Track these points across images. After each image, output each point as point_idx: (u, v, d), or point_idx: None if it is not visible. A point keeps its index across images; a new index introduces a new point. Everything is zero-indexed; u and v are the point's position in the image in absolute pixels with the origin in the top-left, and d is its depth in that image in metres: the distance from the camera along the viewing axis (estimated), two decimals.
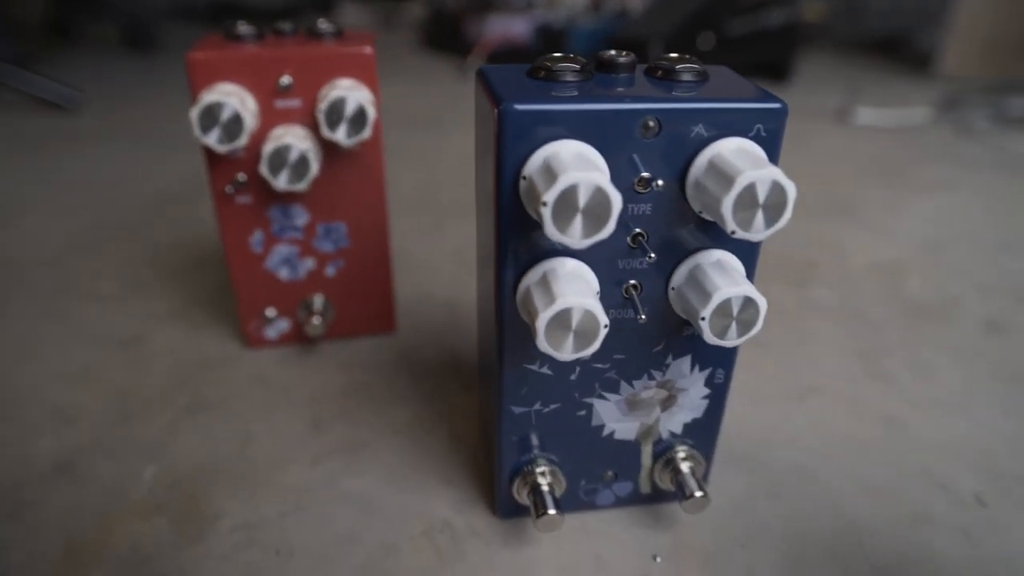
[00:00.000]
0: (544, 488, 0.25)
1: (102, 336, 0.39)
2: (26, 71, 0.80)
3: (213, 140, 0.31)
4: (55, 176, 0.63)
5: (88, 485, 0.29)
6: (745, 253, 0.23)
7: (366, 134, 0.32)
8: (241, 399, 0.35)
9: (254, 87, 0.32)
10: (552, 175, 0.18)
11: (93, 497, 0.29)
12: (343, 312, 0.38)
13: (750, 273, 0.23)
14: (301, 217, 0.36)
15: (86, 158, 0.67)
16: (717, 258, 0.22)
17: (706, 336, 0.21)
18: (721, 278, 0.21)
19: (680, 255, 0.22)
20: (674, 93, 0.21)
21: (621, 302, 0.23)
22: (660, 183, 0.21)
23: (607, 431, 0.26)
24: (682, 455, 0.26)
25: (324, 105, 0.32)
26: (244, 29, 0.33)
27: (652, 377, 0.25)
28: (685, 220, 0.22)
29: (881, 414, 0.35)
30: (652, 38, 0.94)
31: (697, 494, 0.25)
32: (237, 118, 0.31)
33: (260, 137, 0.33)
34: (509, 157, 0.20)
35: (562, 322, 0.20)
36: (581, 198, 0.18)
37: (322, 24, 0.34)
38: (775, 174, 0.19)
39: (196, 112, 0.31)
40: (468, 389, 0.36)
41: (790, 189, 0.19)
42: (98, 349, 0.38)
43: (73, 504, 0.28)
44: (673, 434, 0.26)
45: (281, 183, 0.32)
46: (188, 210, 0.55)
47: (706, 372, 0.25)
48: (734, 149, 0.20)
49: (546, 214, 0.18)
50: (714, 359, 0.25)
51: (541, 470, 0.26)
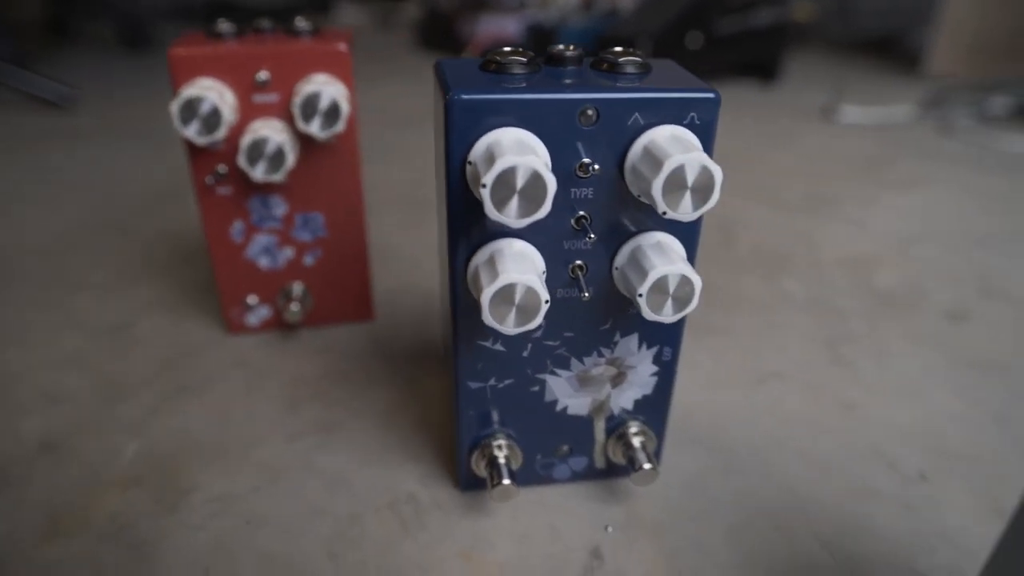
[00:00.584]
0: (500, 460, 0.27)
1: (91, 323, 0.41)
2: (23, 70, 0.82)
3: (192, 132, 0.33)
4: (51, 172, 0.64)
5: (72, 461, 0.31)
6: (685, 235, 0.24)
7: (340, 127, 0.34)
8: (222, 382, 0.36)
9: (233, 82, 0.34)
10: (492, 160, 0.20)
11: (77, 472, 0.30)
12: (321, 300, 0.40)
13: (691, 254, 0.24)
14: (280, 207, 0.37)
15: (81, 155, 0.68)
16: (657, 240, 0.23)
17: (644, 312, 0.22)
18: (658, 258, 0.22)
19: (623, 237, 0.24)
20: (617, 84, 0.22)
21: (568, 281, 0.24)
22: (596, 167, 0.22)
23: (560, 406, 0.27)
24: (634, 430, 0.28)
25: (299, 99, 0.33)
26: (224, 27, 0.35)
27: (601, 354, 0.26)
28: (625, 204, 0.23)
29: (838, 398, 0.36)
30: (640, 37, 0.95)
31: (646, 466, 0.27)
32: (215, 112, 0.32)
33: (239, 130, 0.34)
34: (457, 144, 0.21)
35: (505, 297, 0.21)
36: (518, 180, 0.20)
37: (300, 22, 0.35)
38: (702, 158, 0.20)
39: (176, 106, 0.32)
40: (440, 374, 0.37)
41: (717, 173, 0.21)
42: (86, 336, 0.40)
43: (57, 479, 0.30)
44: (625, 410, 0.28)
45: (258, 174, 0.34)
46: (179, 205, 0.57)
47: (653, 350, 0.26)
48: (668, 136, 0.22)
49: (485, 195, 0.20)
50: (661, 338, 0.26)
51: (498, 443, 0.27)
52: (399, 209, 0.57)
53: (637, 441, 0.28)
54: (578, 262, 0.24)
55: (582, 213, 0.23)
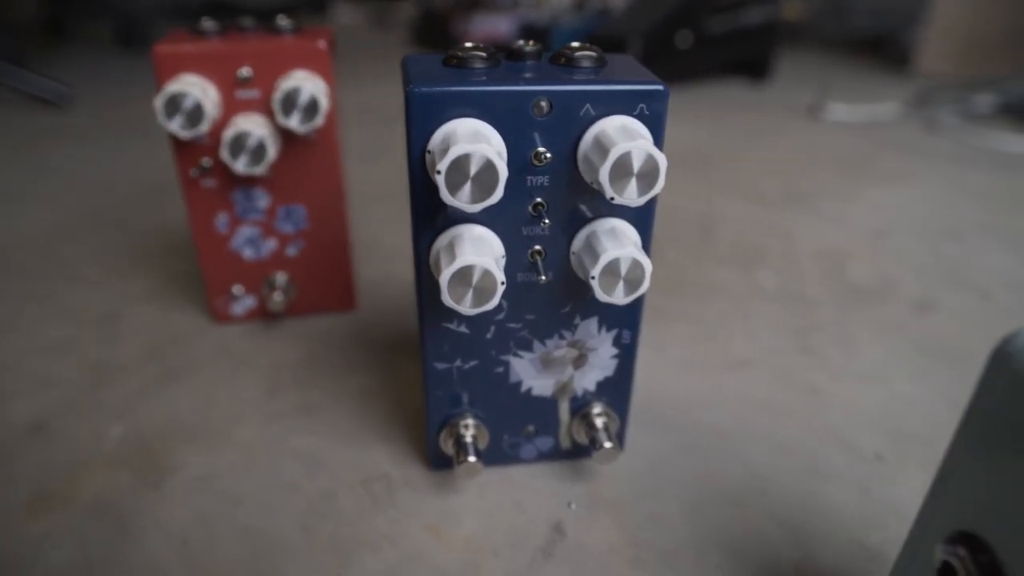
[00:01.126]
0: (467, 439, 0.28)
1: (81, 313, 0.42)
2: (21, 69, 0.83)
3: (176, 127, 0.34)
4: (47, 170, 0.65)
5: (59, 442, 0.32)
6: (639, 221, 0.25)
7: (319, 122, 0.35)
8: (206, 368, 0.37)
9: (216, 78, 0.35)
10: (448, 148, 0.21)
11: (63, 453, 0.31)
12: (304, 290, 0.41)
13: (645, 239, 0.25)
14: (263, 200, 0.38)
15: (77, 153, 0.70)
16: (611, 226, 0.25)
17: (597, 294, 0.24)
18: (610, 242, 0.24)
19: (579, 223, 0.25)
20: (572, 78, 0.24)
21: (528, 266, 0.25)
22: (549, 155, 0.23)
23: (525, 387, 0.28)
24: (597, 411, 0.29)
25: (279, 94, 0.34)
26: (208, 25, 0.36)
27: (563, 337, 0.27)
28: (580, 191, 0.24)
29: (804, 384, 0.37)
30: (630, 36, 0.96)
31: (607, 445, 0.28)
32: (198, 107, 0.34)
33: (223, 125, 0.36)
34: (416, 134, 0.23)
35: (463, 279, 0.22)
36: (472, 167, 0.21)
37: (281, 21, 0.37)
38: (648, 147, 0.22)
39: (160, 101, 0.33)
40: (417, 360, 0.38)
41: (661, 160, 0.22)
42: (76, 325, 0.41)
43: (45, 459, 0.31)
44: (588, 391, 0.29)
45: (240, 167, 0.35)
46: (170, 200, 0.58)
47: (613, 333, 0.28)
48: (618, 126, 0.23)
49: (440, 181, 0.21)
50: (620, 321, 0.27)
51: (465, 423, 0.28)
52: (388, 204, 0.58)
53: (600, 421, 0.29)
54: (537, 247, 0.25)
55: (539, 200, 0.24)
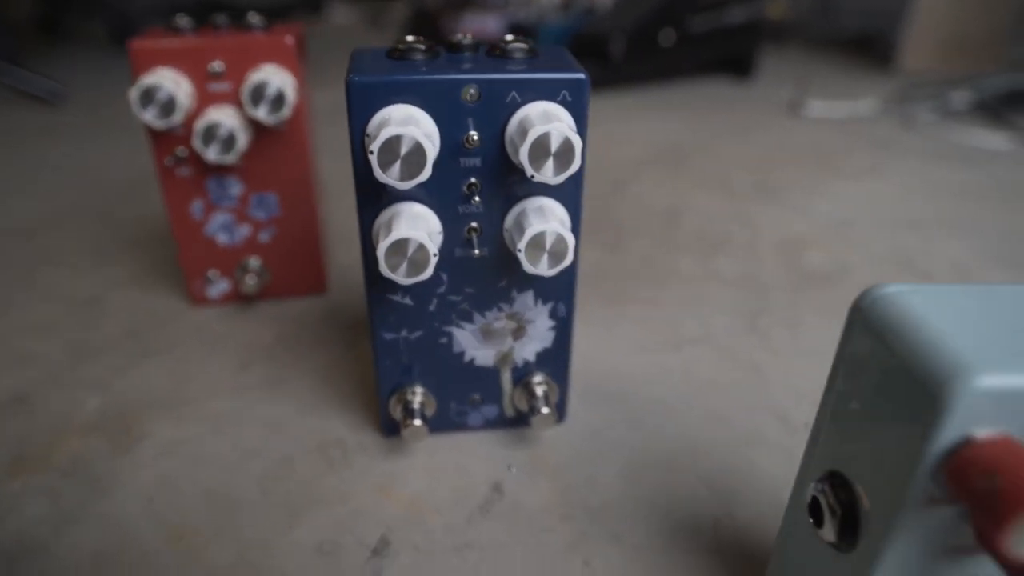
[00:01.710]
0: (413, 405, 0.30)
1: (65, 297, 0.44)
2: (15, 66, 0.85)
3: (150, 117, 0.36)
4: (37, 164, 0.68)
5: (39, 412, 0.34)
6: (567, 200, 0.27)
7: (285, 113, 0.37)
8: (182, 347, 0.39)
9: (189, 72, 0.37)
10: (379, 131, 0.23)
11: (43, 421, 0.33)
12: (277, 274, 0.43)
13: (575, 217, 0.27)
14: (235, 187, 0.40)
15: (68, 149, 0.72)
16: (540, 204, 0.27)
17: (524, 266, 0.26)
18: (537, 218, 0.26)
19: (511, 201, 0.27)
20: (504, 67, 0.26)
21: (465, 242, 0.27)
22: (475, 137, 0.25)
23: (468, 357, 0.30)
24: (537, 380, 0.31)
25: (247, 87, 0.36)
26: (183, 22, 0.38)
27: (501, 309, 0.29)
28: (511, 172, 0.26)
29: (747, 361, 0.39)
30: (613, 34, 0.98)
31: (544, 411, 0.30)
32: (171, 98, 0.36)
33: (197, 116, 0.38)
34: (356, 120, 0.25)
35: (398, 250, 0.25)
36: (402, 148, 0.23)
37: (252, 18, 0.39)
38: (564, 129, 0.24)
39: (135, 93, 0.35)
40: None
41: (576, 141, 0.24)
42: (60, 307, 0.43)
43: (25, 426, 0.33)
44: (528, 362, 0.31)
45: (212, 155, 0.37)
46: (156, 193, 0.60)
47: (549, 305, 0.30)
48: (540, 111, 0.25)
49: (373, 160, 0.23)
50: (554, 294, 0.29)
51: (413, 391, 0.30)
52: None
53: (540, 390, 0.31)
54: (473, 224, 0.27)
55: (472, 180, 0.26)
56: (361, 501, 0.29)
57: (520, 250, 0.25)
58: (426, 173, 0.23)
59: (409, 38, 0.27)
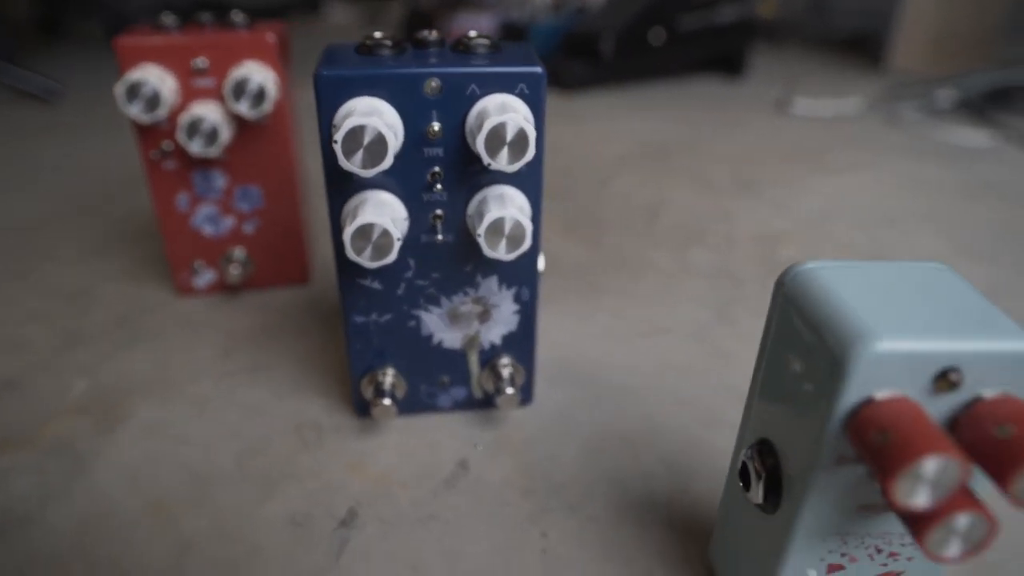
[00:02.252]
0: (384, 386, 0.31)
1: (57, 288, 0.46)
2: (12, 65, 0.87)
3: (135, 111, 0.37)
4: (32, 162, 0.69)
5: (28, 395, 0.35)
6: (528, 189, 0.28)
7: (266, 108, 0.38)
8: (167, 335, 0.41)
9: (174, 68, 0.39)
10: (344, 121, 0.24)
11: (31, 404, 0.35)
12: (261, 265, 0.45)
13: (535, 205, 0.29)
14: (220, 180, 0.42)
15: (63, 146, 0.73)
16: (501, 192, 0.28)
17: (484, 251, 0.27)
18: (496, 205, 0.27)
19: (474, 189, 0.28)
20: (466, 62, 0.27)
21: (431, 228, 0.29)
22: (436, 128, 0.27)
23: (436, 340, 0.32)
24: (504, 363, 0.32)
25: (229, 82, 0.38)
26: (168, 20, 0.40)
27: (467, 293, 0.31)
28: (472, 161, 0.28)
29: (714, 348, 0.40)
30: (603, 33, 1.00)
31: (508, 391, 0.31)
32: (156, 93, 0.37)
33: (181, 111, 0.39)
34: (324, 111, 0.26)
35: (364, 235, 0.26)
36: (365, 137, 0.24)
37: (236, 16, 0.40)
38: (519, 119, 0.25)
39: (121, 88, 0.37)
40: None
41: (530, 131, 0.25)
42: (51, 298, 0.45)
43: (14, 409, 0.35)
44: (494, 345, 0.32)
45: (196, 148, 0.38)
46: (148, 189, 0.62)
47: (513, 290, 0.31)
48: (498, 103, 0.26)
49: (337, 149, 0.24)
50: (518, 279, 0.31)
51: (384, 372, 0.32)
52: None
53: (506, 372, 0.32)
54: (438, 212, 0.29)
55: (436, 169, 0.28)
56: (332, 477, 0.30)
57: (480, 235, 0.27)
58: (388, 161, 0.25)
59: (377, 34, 0.28)
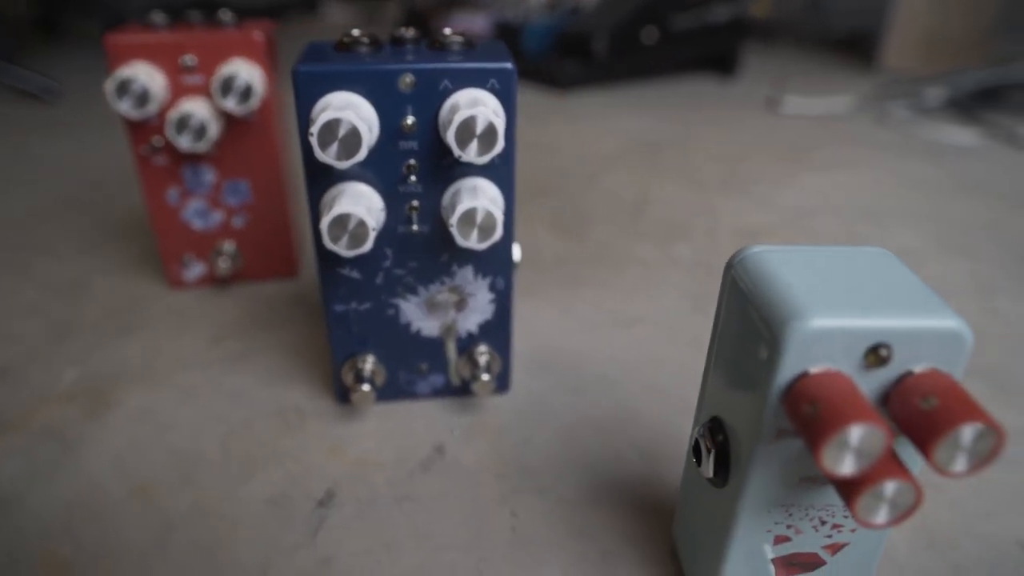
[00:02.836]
0: (364, 373, 0.32)
1: (51, 281, 0.47)
2: (10, 64, 0.88)
3: (125, 108, 0.38)
4: (28, 159, 0.70)
5: (20, 383, 0.36)
6: (501, 181, 0.29)
7: (253, 104, 0.39)
8: (157, 326, 0.42)
9: (163, 65, 0.40)
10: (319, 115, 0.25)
11: (23, 392, 0.36)
12: (250, 258, 0.46)
13: (508, 197, 0.30)
14: (209, 175, 0.43)
15: (59, 144, 0.74)
16: (474, 184, 0.29)
17: (457, 240, 0.28)
18: (468, 196, 0.28)
19: (449, 181, 0.29)
20: (442, 58, 0.28)
21: (407, 219, 0.30)
22: (410, 121, 0.28)
23: (414, 328, 0.33)
24: (480, 350, 0.33)
25: (217, 79, 0.39)
26: (158, 19, 0.41)
27: (443, 282, 0.32)
28: (445, 154, 0.29)
29: (690, 338, 0.41)
30: (596, 32, 1.01)
31: (484, 377, 0.32)
32: (145, 90, 0.38)
33: (171, 107, 0.40)
34: (302, 106, 0.27)
35: (340, 224, 0.27)
36: (340, 130, 0.25)
37: (224, 15, 0.41)
38: (488, 112, 0.26)
39: (111, 85, 0.38)
40: None
41: (499, 124, 0.26)
42: (45, 291, 0.46)
43: (5, 396, 0.36)
44: (471, 333, 0.33)
45: (184, 144, 0.40)
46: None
47: (488, 279, 0.32)
48: (469, 98, 0.27)
49: (313, 141, 0.25)
50: (493, 268, 0.32)
51: (364, 359, 0.33)
52: None
53: (482, 360, 0.33)
54: (414, 203, 0.30)
55: (411, 162, 0.29)
56: (312, 460, 0.31)
57: (452, 225, 0.28)
58: (362, 154, 0.26)
59: (355, 32, 0.29)
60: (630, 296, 0.46)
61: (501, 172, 0.29)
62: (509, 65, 0.28)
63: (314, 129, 0.25)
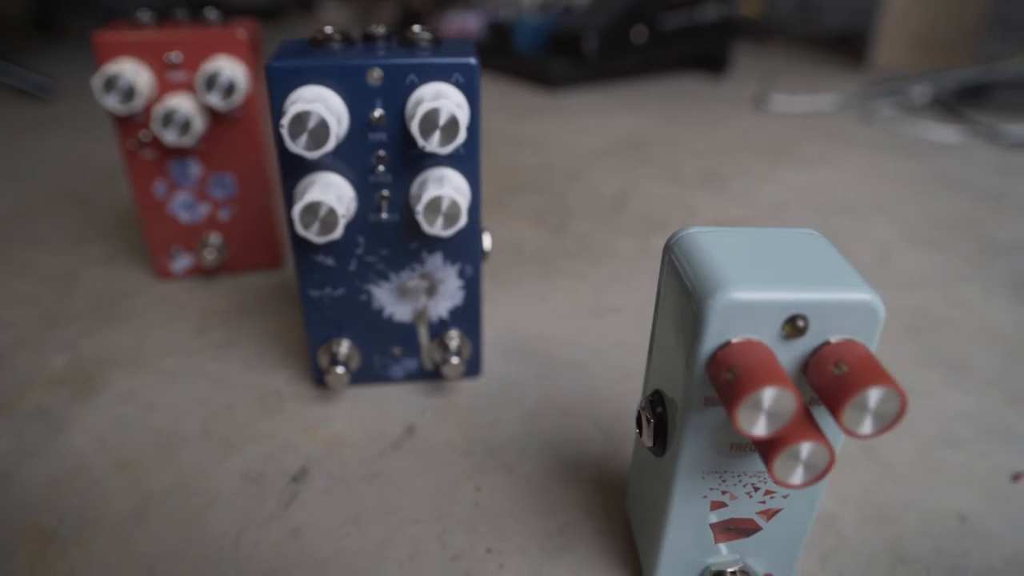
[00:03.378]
0: (339, 357, 0.34)
1: (42, 273, 0.48)
2: (3, 62, 0.89)
3: (112, 103, 0.40)
4: (21, 154, 0.72)
5: (10, 368, 0.38)
6: (467, 172, 0.31)
7: (237, 100, 0.41)
8: (145, 315, 0.43)
9: (149, 62, 0.41)
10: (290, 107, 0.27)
11: (13, 376, 0.37)
12: (236, 250, 0.47)
13: (474, 186, 0.31)
14: (195, 169, 0.44)
15: (51, 140, 0.76)
16: (441, 174, 0.30)
17: (423, 227, 0.29)
18: (434, 185, 0.29)
19: (416, 171, 0.31)
20: (411, 54, 0.29)
21: (378, 208, 0.31)
22: (378, 114, 0.29)
23: (387, 313, 0.34)
24: (451, 335, 0.35)
25: (201, 75, 0.40)
26: (145, 17, 0.42)
27: (414, 269, 0.33)
28: (413, 145, 0.30)
29: None
30: (586, 32, 1.02)
31: (454, 360, 0.34)
32: (131, 86, 0.40)
33: (157, 102, 0.41)
34: (276, 99, 0.28)
35: (311, 212, 0.28)
36: (309, 122, 0.27)
37: (209, 14, 0.43)
38: (450, 106, 0.27)
39: (98, 81, 0.39)
40: None
41: (461, 116, 0.27)
42: (36, 282, 0.47)
43: None
44: (443, 319, 0.35)
45: (170, 138, 0.41)
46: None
47: (457, 266, 0.33)
48: (434, 91, 0.28)
49: (284, 132, 0.27)
50: (461, 256, 0.33)
51: (339, 343, 0.34)
52: None
53: (453, 344, 0.34)
54: (384, 192, 0.31)
55: (381, 153, 0.30)
56: (288, 439, 0.33)
57: (419, 212, 0.29)
58: (330, 144, 0.27)
59: (327, 29, 0.30)
60: (606, 287, 0.47)
61: (467, 163, 0.31)
62: (473, 60, 0.29)
63: (284, 121, 0.27)
